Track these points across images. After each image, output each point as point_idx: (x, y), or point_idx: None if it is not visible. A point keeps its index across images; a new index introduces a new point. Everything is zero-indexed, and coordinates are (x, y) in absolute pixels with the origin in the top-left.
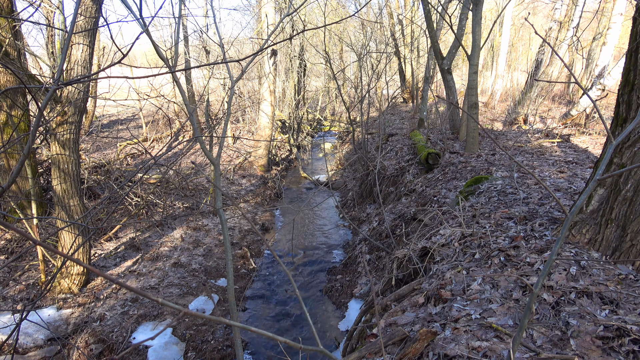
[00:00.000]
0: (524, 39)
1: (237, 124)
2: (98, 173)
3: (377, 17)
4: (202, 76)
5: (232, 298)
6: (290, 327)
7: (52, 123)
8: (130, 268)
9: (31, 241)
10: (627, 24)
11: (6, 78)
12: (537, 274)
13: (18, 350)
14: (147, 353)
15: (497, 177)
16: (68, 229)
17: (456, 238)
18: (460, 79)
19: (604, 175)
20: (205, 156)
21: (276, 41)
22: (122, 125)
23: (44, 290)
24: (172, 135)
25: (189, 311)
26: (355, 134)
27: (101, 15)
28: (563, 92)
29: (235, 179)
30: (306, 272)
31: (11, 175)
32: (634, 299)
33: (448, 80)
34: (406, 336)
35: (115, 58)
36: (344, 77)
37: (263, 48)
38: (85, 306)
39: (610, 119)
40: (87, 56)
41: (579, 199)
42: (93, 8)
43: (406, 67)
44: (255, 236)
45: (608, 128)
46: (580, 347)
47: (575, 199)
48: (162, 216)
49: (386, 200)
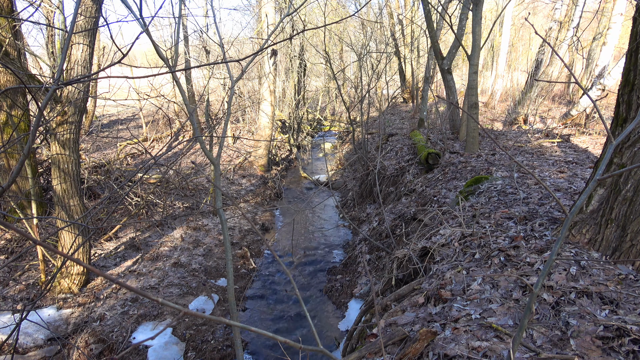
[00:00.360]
0: (524, 39)
1: (237, 124)
2: (98, 173)
3: (377, 17)
4: (202, 76)
5: (232, 298)
6: (290, 327)
7: (52, 123)
8: (130, 268)
9: (31, 241)
10: (627, 24)
11: (6, 78)
12: (537, 274)
13: (18, 350)
14: (147, 353)
15: (497, 177)
16: (68, 228)
17: (456, 238)
18: (460, 79)
19: (604, 175)
20: (205, 156)
21: (276, 41)
22: (122, 125)
23: (44, 290)
24: (172, 135)
25: (189, 311)
26: (355, 134)
27: (101, 15)
28: (563, 92)
29: (235, 179)
30: (306, 272)
31: (11, 175)
32: (634, 299)
33: (448, 80)
34: (406, 336)
35: (115, 58)
36: (344, 77)
37: (263, 48)
38: (85, 306)
39: (610, 119)
40: (87, 56)
41: (579, 199)
42: (93, 8)
43: (406, 67)
44: (255, 236)
45: (608, 128)
46: (580, 347)
47: (575, 199)
48: (162, 216)
49: (386, 200)
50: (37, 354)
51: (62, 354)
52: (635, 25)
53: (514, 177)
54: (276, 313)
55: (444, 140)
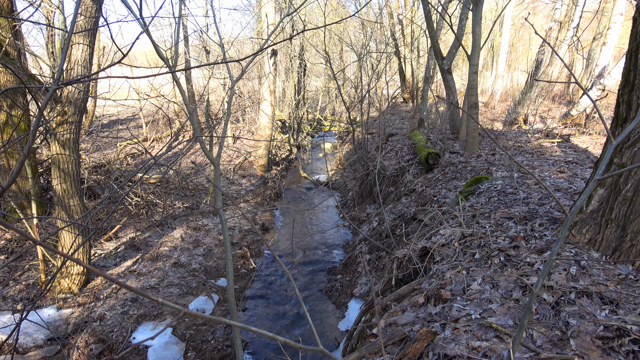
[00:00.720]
0: (524, 39)
1: (237, 124)
2: (98, 173)
3: (377, 17)
4: (202, 76)
5: (232, 298)
6: (290, 327)
7: (52, 123)
8: (130, 268)
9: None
10: (627, 24)
11: (6, 78)
12: (537, 274)
13: (18, 350)
14: (147, 353)
15: (497, 177)
16: (68, 228)
17: (456, 238)
18: (460, 79)
19: (604, 175)
20: (205, 156)
21: (276, 41)
22: (122, 125)
23: (44, 290)
24: (172, 135)
25: (189, 311)
26: (355, 134)
27: (101, 15)
28: (563, 92)
29: (235, 179)
30: (306, 272)
31: (11, 175)
32: (634, 299)
33: (448, 80)
34: (406, 336)
35: (115, 58)
36: (344, 77)
37: (263, 48)
38: (85, 306)
39: (610, 119)
40: (87, 56)
41: (579, 199)
42: (93, 8)
43: (406, 67)
44: (255, 236)
45: (608, 128)
46: (580, 347)
47: (575, 199)
48: (162, 216)
49: (386, 200)
50: (37, 354)
51: (62, 354)
52: (635, 25)
53: (514, 177)
54: (276, 313)
55: (444, 140)
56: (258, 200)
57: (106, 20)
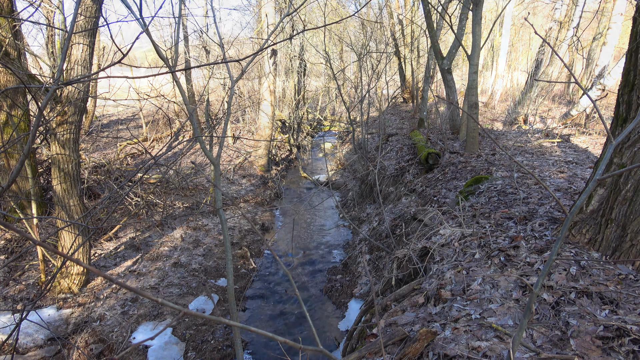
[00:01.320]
0: (524, 39)
1: (237, 124)
2: (98, 173)
3: (377, 17)
4: (202, 76)
5: (232, 298)
6: (290, 327)
7: (52, 123)
8: (130, 268)
9: (31, 241)
10: (627, 24)
11: (6, 78)
12: (537, 274)
13: (18, 350)
14: (147, 353)
15: (497, 177)
16: (68, 228)
17: (456, 238)
18: (460, 79)
19: (604, 175)
20: (205, 156)
21: (276, 41)
22: (122, 125)
23: (44, 290)
24: (172, 135)
25: (189, 311)
26: (355, 134)
27: (101, 15)
28: (563, 92)
29: (235, 179)
30: (306, 272)
31: (11, 175)
32: (634, 299)
33: (448, 80)
34: (406, 336)
35: (115, 58)
36: (344, 77)
37: (263, 48)
38: (85, 306)
39: (610, 119)
40: (87, 56)
41: (579, 199)
42: (93, 8)
43: (406, 67)
44: (255, 236)
45: (608, 128)
46: (580, 347)
47: (575, 199)
48: (162, 216)
49: (386, 200)
50: (37, 354)
51: (62, 354)
52: (635, 25)
53: (514, 177)
54: (276, 313)
55: (444, 140)
56: (258, 200)
57: (106, 20)
